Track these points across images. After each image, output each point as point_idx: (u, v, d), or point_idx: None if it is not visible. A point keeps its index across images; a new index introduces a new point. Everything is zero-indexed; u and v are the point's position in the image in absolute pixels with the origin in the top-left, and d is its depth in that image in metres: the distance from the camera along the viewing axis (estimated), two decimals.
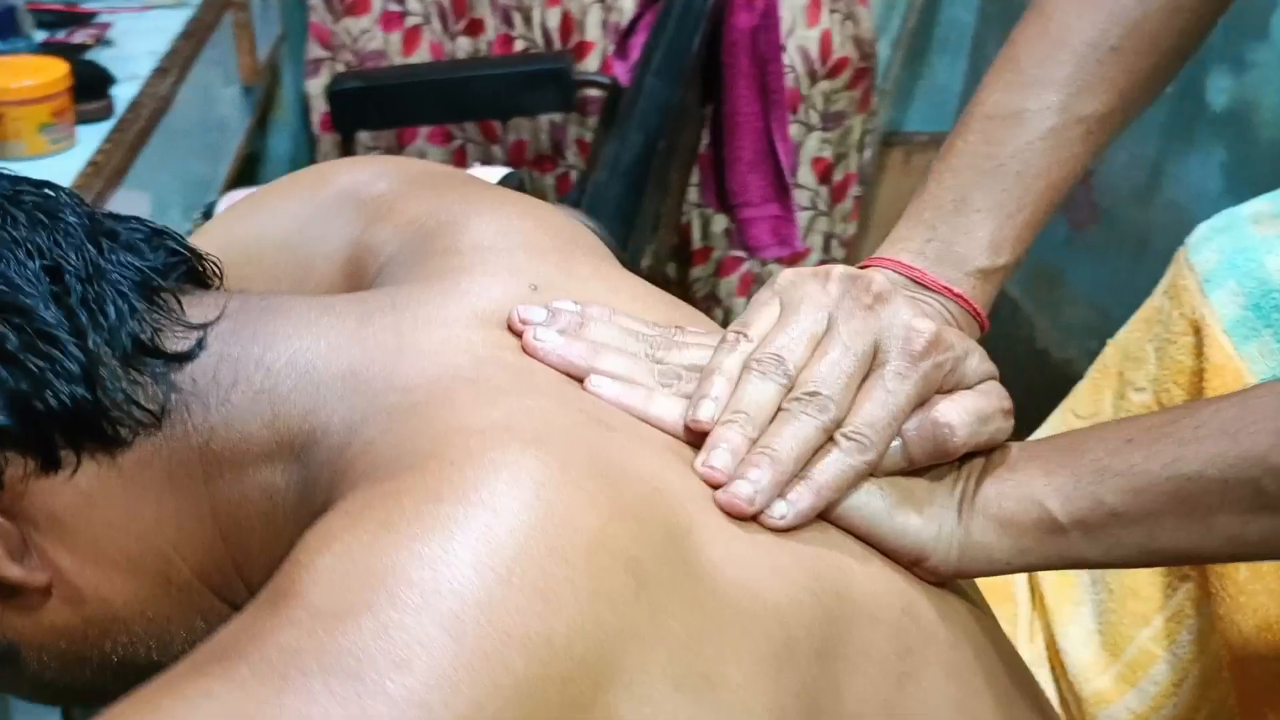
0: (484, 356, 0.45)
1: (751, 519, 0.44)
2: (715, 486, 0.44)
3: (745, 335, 0.49)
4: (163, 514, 0.44)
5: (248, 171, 1.86)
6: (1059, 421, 0.85)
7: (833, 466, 0.46)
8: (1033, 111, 0.57)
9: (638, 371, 0.48)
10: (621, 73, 1.57)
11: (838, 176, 2.01)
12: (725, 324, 0.53)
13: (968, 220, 0.56)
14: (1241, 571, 0.68)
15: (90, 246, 0.43)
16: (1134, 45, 0.58)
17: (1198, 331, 0.73)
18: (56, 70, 1.06)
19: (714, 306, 2.05)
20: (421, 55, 1.99)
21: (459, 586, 0.34)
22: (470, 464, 0.38)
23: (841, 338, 0.47)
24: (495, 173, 1.32)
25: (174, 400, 0.43)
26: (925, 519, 0.48)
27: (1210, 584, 0.70)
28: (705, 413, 0.46)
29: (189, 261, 0.47)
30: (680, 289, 2.06)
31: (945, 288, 0.55)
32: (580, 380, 0.47)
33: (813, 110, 1.93)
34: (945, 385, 0.49)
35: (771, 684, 0.39)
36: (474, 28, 1.96)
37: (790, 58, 1.85)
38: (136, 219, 0.47)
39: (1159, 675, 0.74)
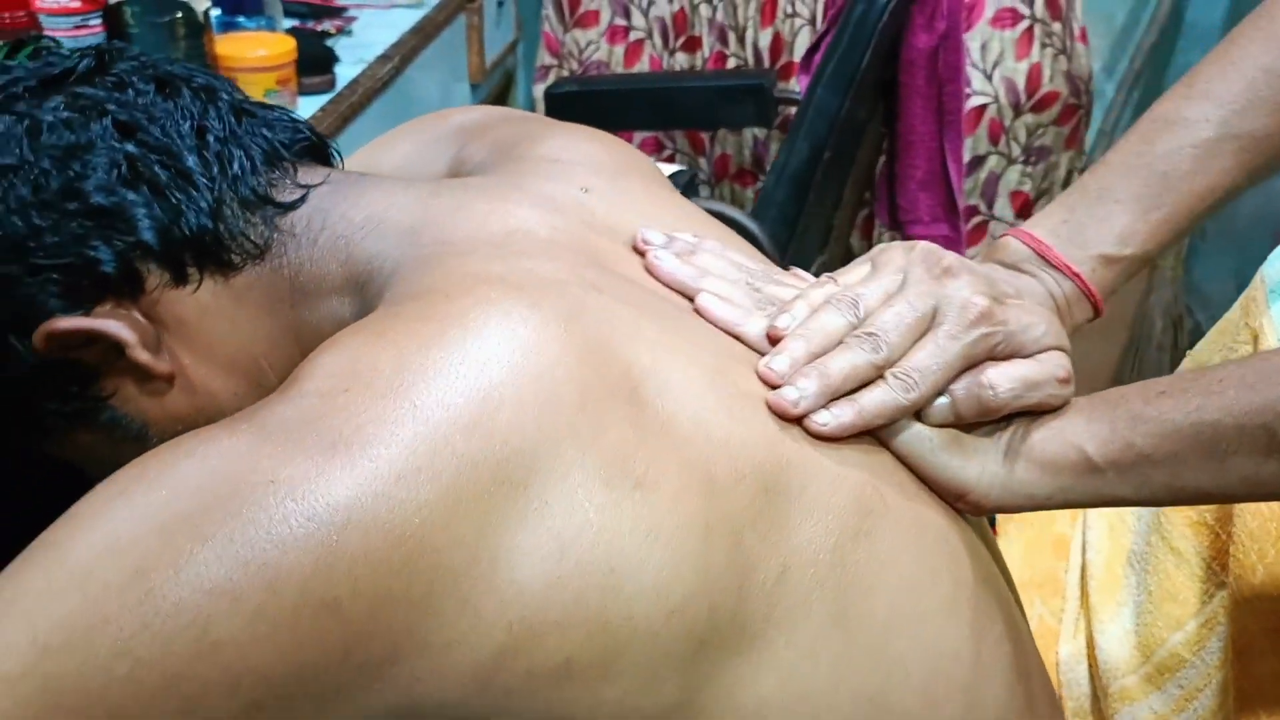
0: (515, 228, 0.54)
1: (796, 421, 0.50)
2: (772, 387, 0.51)
3: (834, 280, 0.57)
4: (258, 329, 0.54)
5: None
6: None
7: (878, 395, 0.52)
8: (1190, 120, 0.62)
9: (737, 295, 0.56)
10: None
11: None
12: None
13: (1105, 208, 0.61)
14: (1258, 574, 0.68)
15: (232, 119, 0.54)
16: None
17: (1256, 341, 0.73)
18: (285, 45, 1.23)
19: None
20: (641, 68, 2.11)
21: (423, 381, 0.43)
22: (462, 298, 0.46)
23: (908, 295, 0.54)
24: (668, 168, 1.41)
25: (276, 239, 0.54)
26: (967, 460, 0.54)
27: (1233, 588, 0.70)
28: (782, 323, 0.54)
29: (312, 142, 0.58)
30: None
31: (1066, 265, 0.60)
32: (684, 294, 0.55)
33: (1014, 142, 1.92)
34: (999, 354, 0.54)
35: (703, 500, 0.45)
36: (691, 45, 2.07)
37: (994, 88, 1.85)
38: (283, 109, 0.59)
39: (1185, 679, 0.74)
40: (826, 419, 0.51)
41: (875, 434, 0.53)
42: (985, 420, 0.55)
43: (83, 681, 0.38)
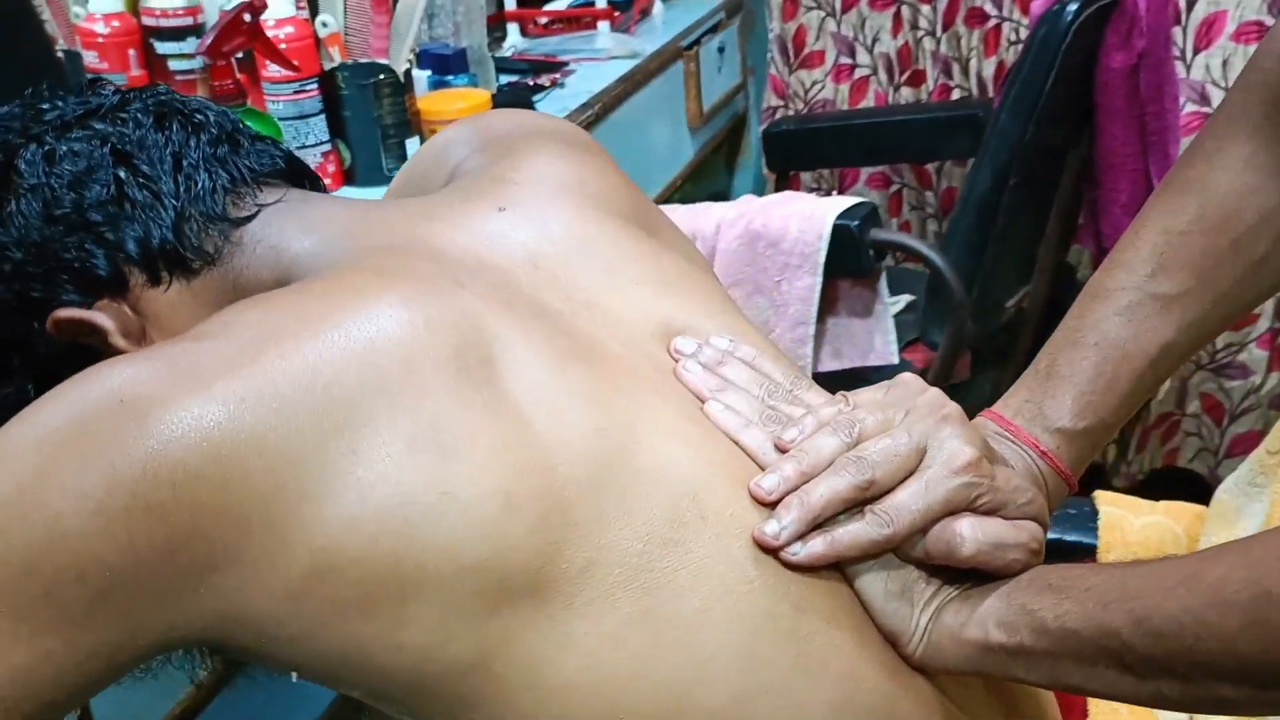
0: (416, 238, 0.62)
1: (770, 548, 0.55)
2: (760, 502, 0.56)
3: (846, 399, 0.61)
4: None
5: None
6: (1254, 457, 0.80)
7: (854, 529, 0.55)
8: (1110, 289, 0.65)
9: (746, 408, 0.61)
10: None
11: None
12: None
13: (1054, 385, 0.64)
14: None
15: (209, 148, 0.65)
16: (1201, 228, 0.64)
17: None
18: (479, 98, 1.36)
19: None
20: (866, 104, 2.12)
21: (273, 337, 0.51)
22: (335, 279, 0.56)
23: (905, 428, 0.57)
24: (844, 201, 1.43)
25: (226, 249, 0.63)
26: (909, 612, 0.57)
27: None
28: (787, 436, 0.59)
29: (281, 168, 0.68)
30: None
31: (1034, 443, 0.63)
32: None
33: None
34: (980, 506, 0.56)
35: (511, 477, 0.51)
36: (916, 79, 2.06)
37: None
38: (271, 140, 0.69)
39: None
40: (797, 549, 0.55)
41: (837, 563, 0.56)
42: (948, 564, 0.57)
43: None
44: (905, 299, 1.70)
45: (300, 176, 0.71)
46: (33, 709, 0.47)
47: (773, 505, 0.56)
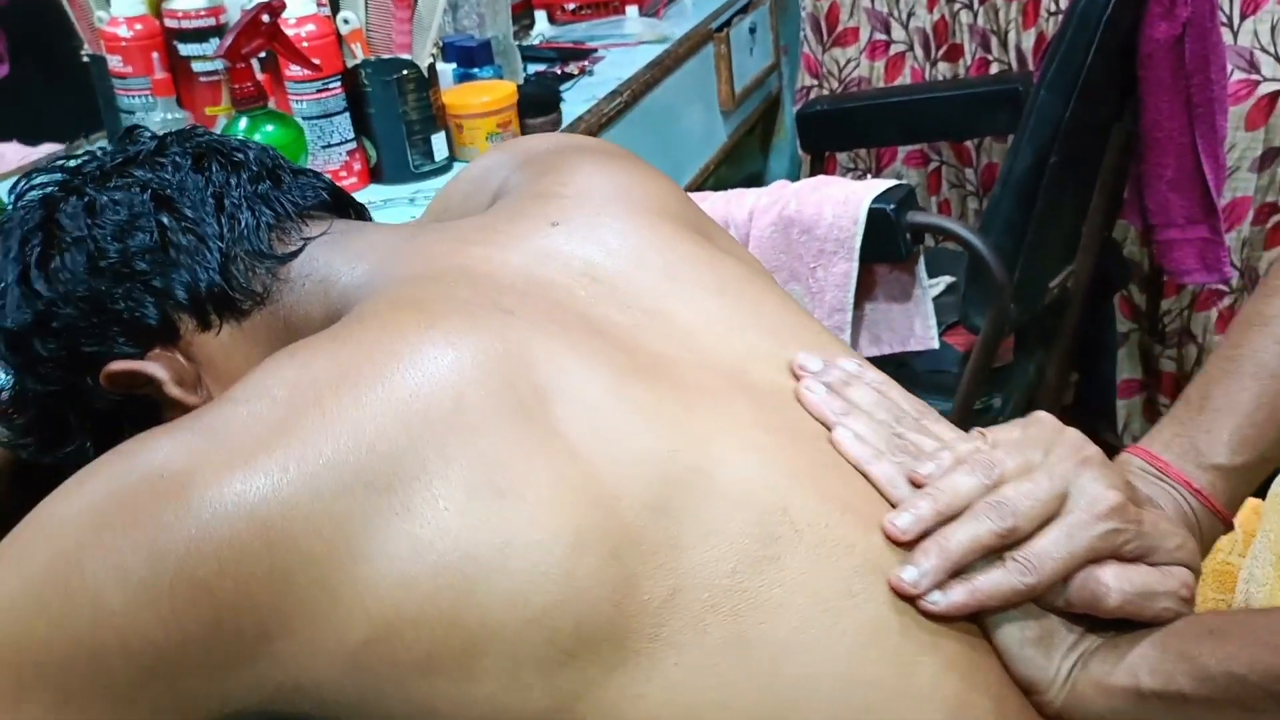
0: (458, 264, 0.59)
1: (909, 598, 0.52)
2: (894, 541, 0.53)
3: (983, 435, 0.58)
4: None
5: None
6: None
7: (995, 577, 0.53)
8: (1271, 316, 0.61)
9: (875, 436, 0.58)
10: None
11: None
12: (1200, 360, 0.63)
13: (1209, 419, 0.61)
14: None
15: (249, 185, 0.64)
16: None
17: None
18: (504, 90, 1.34)
19: (1187, 341, 1.90)
20: (902, 81, 2.08)
21: (308, 391, 0.49)
22: (372, 319, 0.54)
23: (1047, 471, 0.54)
24: (881, 184, 1.39)
25: (275, 286, 0.62)
26: (1048, 661, 0.54)
27: None
28: (924, 470, 0.56)
29: (327, 199, 0.67)
30: (1148, 320, 1.93)
31: (1186, 481, 0.60)
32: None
33: None
34: (1126, 553, 0.54)
35: (574, 514, 0.48)
36: (953, 53, 2.01)
37: None
38: (312, 172, 0.68)
39: None
40: (938, 598, 0.52)
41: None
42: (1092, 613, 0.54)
43: (12, 638, 0.46)
44: (945, 280, 1.66)
45: (344, 206, 0.70)
46: None
47: (907, 545, 0.53)
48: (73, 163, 0.65)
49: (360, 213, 0.70)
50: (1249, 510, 0.81)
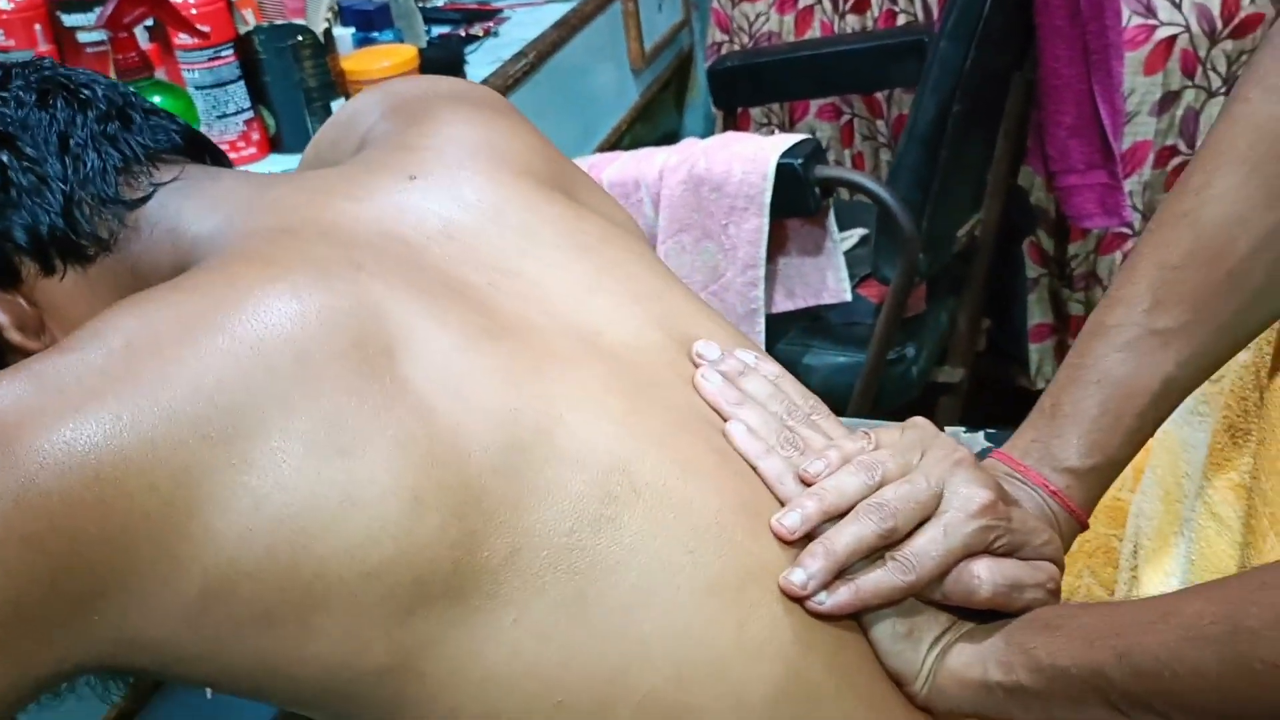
0: (313, 217, 0.59)
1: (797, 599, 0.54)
2: (781, 540, 0.55)
3: (869, 436, 0.60)
4: None
5: None
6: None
7: (876, 576, 0.55)
8: (1110, 326, 0.65)
9: (766, 429, 0.60)
10: None
11: None
12: None
13: (1059, 425, 0.64)
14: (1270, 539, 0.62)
15: (96, 125, 0.61)
16: (1195, 262, 0.63)
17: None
18: (405, 54, 1.32)
19: (1094, 285, 1.94)
20: (812, 35, 2.08)
21: (151, 344, 0.48)
22: (218, 272, 0.53)
23: (922, 472, 0.57)
24: (789, 139, 1.40)
25: (123, 233, 0.60)
26: (916, 654, 0.57)
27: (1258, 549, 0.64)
28: (813, 469, 0.58)
29: (181, 143, 0.65)
30: (1057, 265, 1.97)
31: (1044, 483, 0.63)
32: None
33: (1213, 73, 1.76)
34: (997, 549, 0.57)
35: (416, 472, 0.48)
36: (860, 6, 2.02)
37: (1184, 16, 1.71)
38: (165, 113, 0.66)
39: None
40: (824, 599, 0.54)
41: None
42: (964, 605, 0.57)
43: None
44: (858, 233, 1.67)
45: (200, 151, 0.67)
46: None
47: (791, 544, 0.55)
48: None
49: (217, 157, 0.68)
50: (1152, 446, 0.83)
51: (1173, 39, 1.71)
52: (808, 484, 0.57)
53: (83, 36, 1.24)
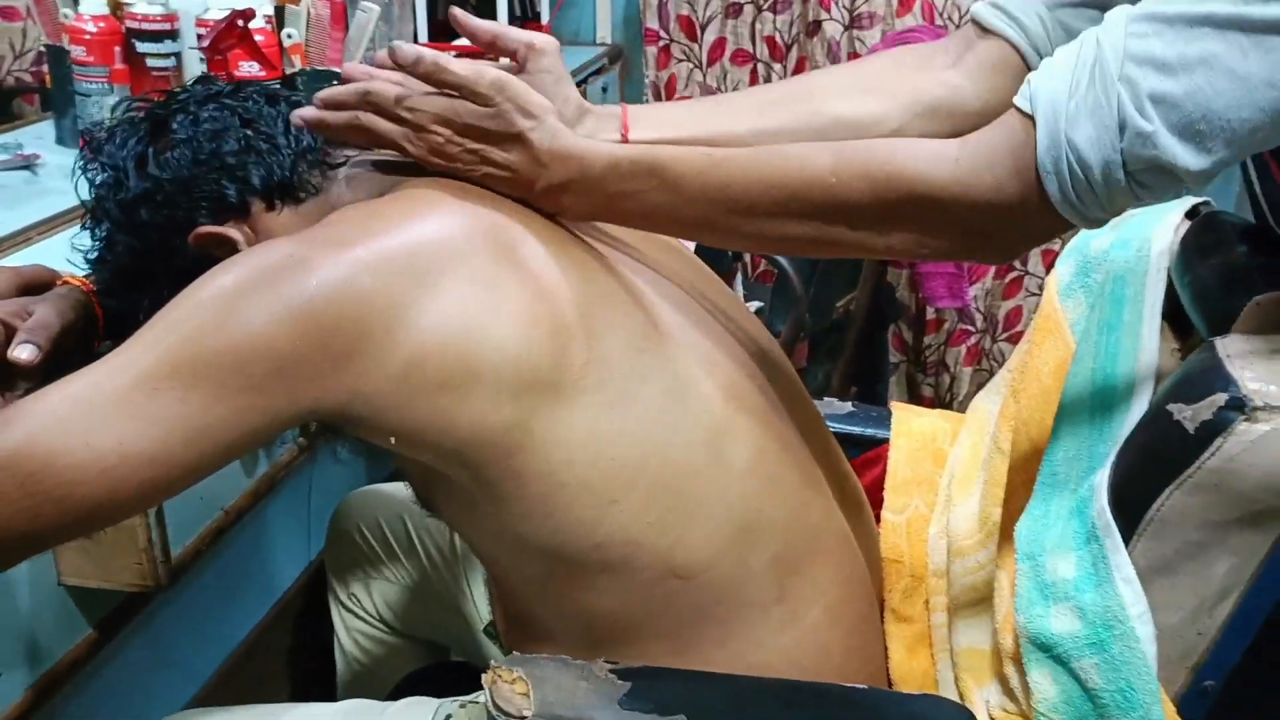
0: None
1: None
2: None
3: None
4: None
5: None
6: (1001, 371, 1.13)
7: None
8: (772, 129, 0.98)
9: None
10: None
11: None
12: (951, 387, 0.99)
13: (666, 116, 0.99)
14: (1022, 446, 0.95)
15: None
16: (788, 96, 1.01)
17: (1044, 292, 1.01)
18: None
19: (943, 371, 2.32)
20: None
21: (381, 224, 0.77)
22: (418, 192, 0.83)
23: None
24: None
25: (325, 185, 0.89)
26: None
27: (1012, 458, 0.97)
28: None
29: None
30: (914, 353, 2.35)
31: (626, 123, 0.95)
32: None
33: None
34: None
35: (538, 308, 0.77)
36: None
37: None
38: None
39: (995, 537, 1.00)
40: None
41: None
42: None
43: (190, 349, 0.70)
44: (755, 305, 2.03)
45: None
46: (199, 458, 0.70)
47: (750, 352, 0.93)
48: (181, 93, 0.91)
49: None
50: (958, 419, 1.16)
51: None
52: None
53: (151, 62, 1.52)
